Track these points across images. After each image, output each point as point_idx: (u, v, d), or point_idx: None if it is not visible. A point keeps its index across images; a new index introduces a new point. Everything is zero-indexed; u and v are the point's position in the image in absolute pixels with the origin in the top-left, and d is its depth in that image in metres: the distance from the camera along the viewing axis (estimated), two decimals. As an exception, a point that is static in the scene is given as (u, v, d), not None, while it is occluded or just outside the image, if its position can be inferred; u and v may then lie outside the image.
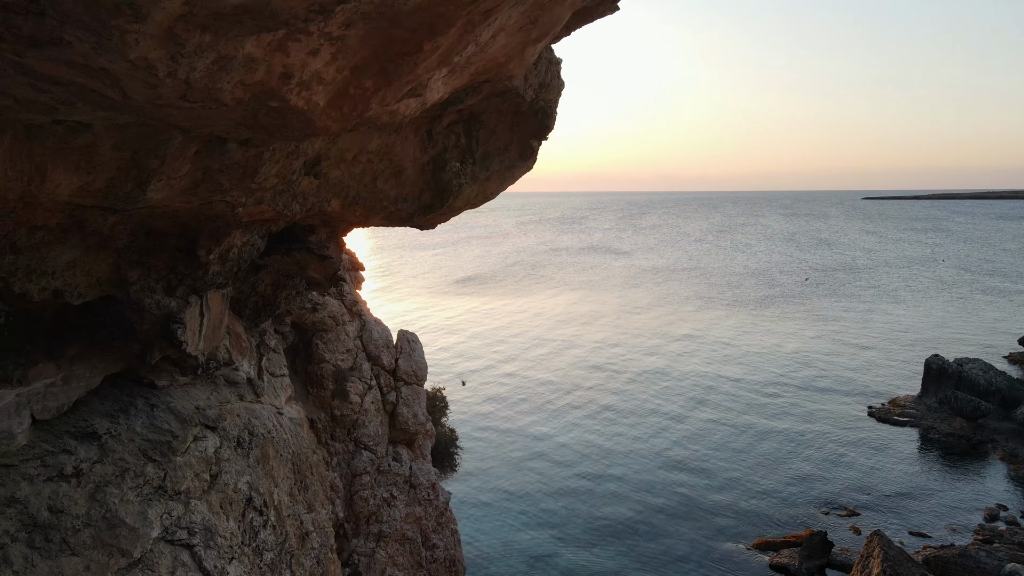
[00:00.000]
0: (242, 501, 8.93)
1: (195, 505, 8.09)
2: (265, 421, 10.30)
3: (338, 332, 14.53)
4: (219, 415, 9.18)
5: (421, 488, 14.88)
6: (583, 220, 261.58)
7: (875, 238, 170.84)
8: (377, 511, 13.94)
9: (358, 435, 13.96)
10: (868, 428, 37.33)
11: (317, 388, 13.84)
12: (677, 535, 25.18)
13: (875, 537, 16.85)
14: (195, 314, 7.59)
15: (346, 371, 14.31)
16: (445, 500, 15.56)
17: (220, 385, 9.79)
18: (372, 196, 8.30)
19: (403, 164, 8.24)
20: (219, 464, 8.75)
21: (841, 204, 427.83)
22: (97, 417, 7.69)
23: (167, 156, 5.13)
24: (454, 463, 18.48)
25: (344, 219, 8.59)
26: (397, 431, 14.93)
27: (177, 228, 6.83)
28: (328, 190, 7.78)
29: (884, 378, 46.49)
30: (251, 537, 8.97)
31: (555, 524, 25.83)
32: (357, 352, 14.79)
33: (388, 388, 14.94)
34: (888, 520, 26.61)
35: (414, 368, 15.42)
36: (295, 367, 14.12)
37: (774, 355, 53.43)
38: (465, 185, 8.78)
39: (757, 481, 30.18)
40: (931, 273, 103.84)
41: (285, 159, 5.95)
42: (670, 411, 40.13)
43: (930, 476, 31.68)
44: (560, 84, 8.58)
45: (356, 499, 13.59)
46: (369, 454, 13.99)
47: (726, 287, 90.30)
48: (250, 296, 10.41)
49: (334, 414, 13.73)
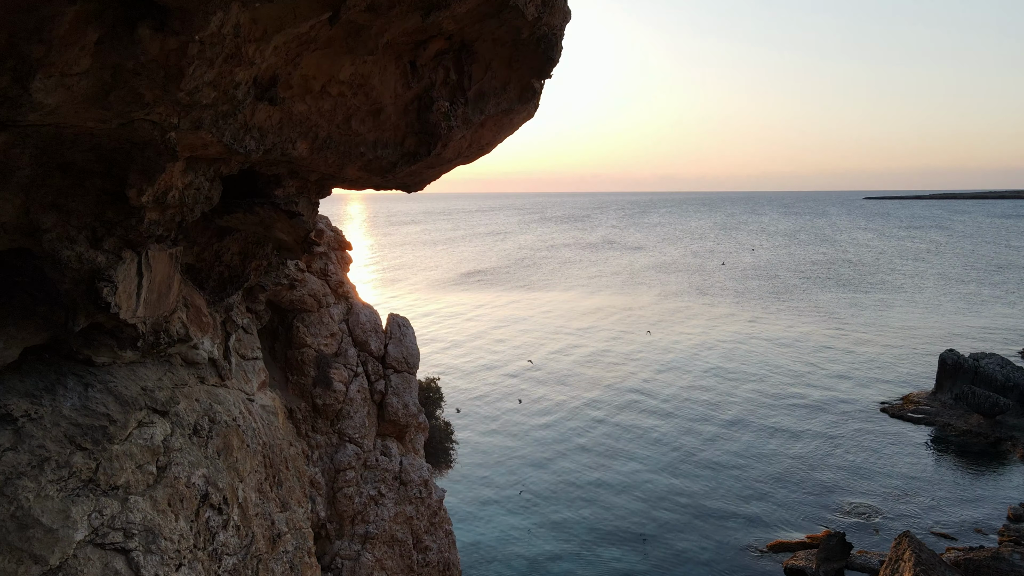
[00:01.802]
0: (196, 497, 7.69)
1: (135, 502, 6.86)
2: (230, 407, 9.08)
3: (321, 314, 13.31)
4: (171, 398, 7.96)
5: (412, 485, 13.67)
6: (586, 218, 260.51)
7: (877, 235, 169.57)
8: (363, 510, 12.72)
9: (342, 427, 12.74)
10: (882, 425, 36.06)
11: (297, 375, 12.62)
12: (686, 537, 23.92)
13: (904, 539, 15.62)
14: (130, 273, 6.37)
15: (330, 357, 13.10)
16: (439, 498, 14.33)
17: (176, 365, 8.56)
18: (346, 139, 7.08)
19: (382, 101, 7.01)
20: (168, 454, 7.52)
21: (843, 204, 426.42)
22: (14, 397, 6.44)
23: (54, 41, 3.90)
24: (449, 459, 17.24)
25: (315, 167, 7.36)
26: (386, 423, 13.72)
27: (101, 164, 5.60)
28: (292, 128, 6.56)
29: (896, 374, 45.20)
30: (207, 539, 7.73)
31: (557, 524, 24.58)
32: (342, 336, 13.57)
33: (376, 376, 13.73)
34: (908, 521, 25.35)
35: (405, 355, 14.21)
36: (274, 352, 12.90)
37: (782, 352, 52.17)
38: (456, 130, 7.55)
39: (769, 480, 28.94)
40: (936, 269, 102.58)
41: (223, 63, 4.72)
42: (678, 409, 38.87)
43: (948, 474, 30.42)
44: (565, 6, 7.33)
45: (340, 497, 12.37)
46: (354, 447, 12.77)
47: (731, 284, 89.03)
48: (214, 265, 9.18)
49: (315, 403, 12.51)
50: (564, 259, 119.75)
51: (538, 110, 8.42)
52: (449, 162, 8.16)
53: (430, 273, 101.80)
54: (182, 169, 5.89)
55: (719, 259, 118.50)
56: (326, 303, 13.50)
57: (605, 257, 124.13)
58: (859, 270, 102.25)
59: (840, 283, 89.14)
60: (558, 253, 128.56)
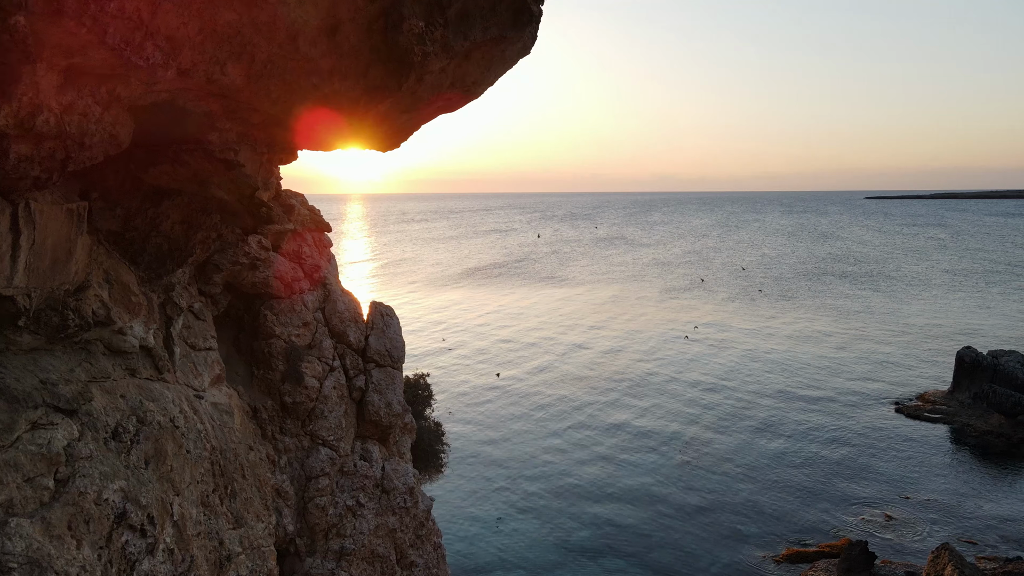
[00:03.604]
0: (108, 517, 6.19)
1: (17, 526, 5.37)
2: (167, 406, 7.58)
3: (293, 301, 11.81)
4: (82, 394, 6.45)
5: (396, 493, 12.17)
6: (589, 217, 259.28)
7: (879, 233, 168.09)
8: (339, 523, 11.23)
9: (315, 428, 11.26)
10: (898, 426, 34.51)
11: (264, 369, 11.14)
12: (695, 544, 22.42)
13: (944, 552, 14.12)
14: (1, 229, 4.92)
15: (302, 349, 11.61)
16: (426, 507, 12.83)
17: (96, 354, 7.06)
18: (293, 65, 5.58)
19: (338, 14, 5.52)
20: (73, 464, 6.03)
21: (844, 203, 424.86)
22: None
23: None
24: (440, 463, 15.79)
25: (257, 104, 5.86)
26: (366, 424, 12.24)
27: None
28: (218, 44, 5.06)
29: (909, 373, 43.62)
30: (122, 570, 6.23)
31: (557, 532, 23.08)
32: (317, 326, 12.08)
33: (355, 371, 12.25)
34: (933, 528, 23.84)
35: (388, 347, 12.71)
36: (238, 343, 11.42)
37: (791, 351, 50.61)
38: (433, 58, 6.05)
39: (782, 484, 27.40)
40: (942, 266, 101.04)
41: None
42: (684, 410, 37.35)
43: (970, 478, 28.89)
44: None
45: (311, 508, 10.88)
46: (329, 451, 11.28)
47: (735, 281, 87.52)
48: (149, 236, 7.69)
49: (284, 401, 11.03)
50: (568, 256, 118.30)
51: (535, 44, 6.91)
52: (428, 104, 6.66)
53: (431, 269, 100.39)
54: (57, 84, 4.41)
55: (723, 256, 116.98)
56: (299, 288, 12.02)
57: (612, 253, 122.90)
58: (864, 267, 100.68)
59: (848, 280, 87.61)
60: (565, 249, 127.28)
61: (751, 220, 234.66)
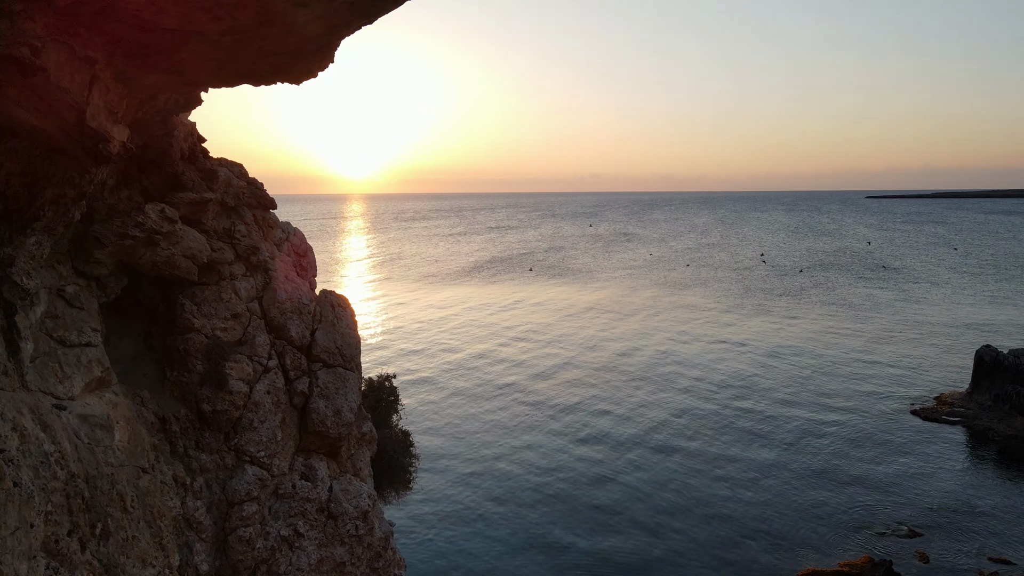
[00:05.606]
0: None
1: None
2: (-6, 421, 5.59)
3: (220, 288, 9.83)
4: None
5: (345, 519, 10.18)
6: (591, 216, 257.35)
7: (883, 231, 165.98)
8: (270, 558, 9.25)
9: (241, 442, 9.28)
10: (915, 430, 32.45)
11: (178, 370, 9.17)
12: (701, 564, 20.41)
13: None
14: None
15: (228, 346, 9.63)
16: (384, 534, 10.81)
17: None
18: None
19: None
20: None
21: (845, 202, 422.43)
22: None
23: None
24: (407, 478, 13.75)
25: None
26: (310, 435, 10.26)
27: None
28: None
29: (925, 373, 41.50)
30: None
31: (546, 551, 21.10)
32: (251, 319, 10.09)
33: (298, 372, 10.27)
34: (959, 544, 21.84)
35: (339, 344, 10.73)
36: (148, 339, 9.42)
37: (801, 351, 48.50)
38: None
39: (796, 496, 25.35)
40: (948, 263, 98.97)
41: None
42: (687, 416, 35.31)
43: (995, 486, 26.86)
44: None
45: (233, 541, 8.89)
46: (258, 470, 9.30)
47: (738, 279, 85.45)
48: (-30, 191, 5.69)
49: (202, 409, 9.05)
50: (570, 254, 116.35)
51: None
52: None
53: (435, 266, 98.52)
54: None
55: (725, 255, 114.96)
56: (228, 274, 10.02)
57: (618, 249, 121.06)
58: (872, 263, 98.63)
59: (856, 276, 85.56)
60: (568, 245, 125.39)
61: (753, 217, 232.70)
